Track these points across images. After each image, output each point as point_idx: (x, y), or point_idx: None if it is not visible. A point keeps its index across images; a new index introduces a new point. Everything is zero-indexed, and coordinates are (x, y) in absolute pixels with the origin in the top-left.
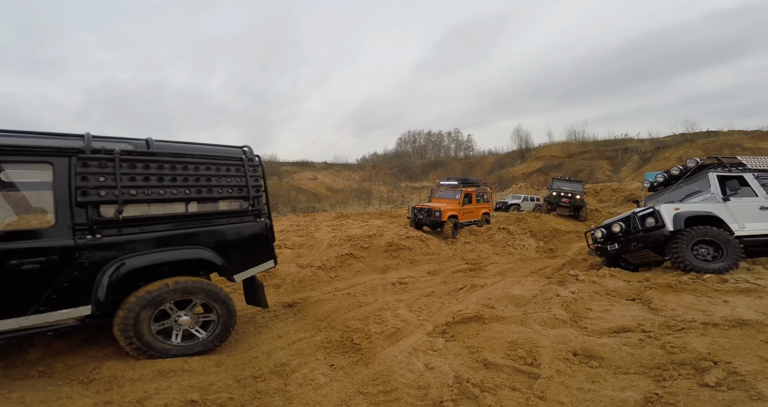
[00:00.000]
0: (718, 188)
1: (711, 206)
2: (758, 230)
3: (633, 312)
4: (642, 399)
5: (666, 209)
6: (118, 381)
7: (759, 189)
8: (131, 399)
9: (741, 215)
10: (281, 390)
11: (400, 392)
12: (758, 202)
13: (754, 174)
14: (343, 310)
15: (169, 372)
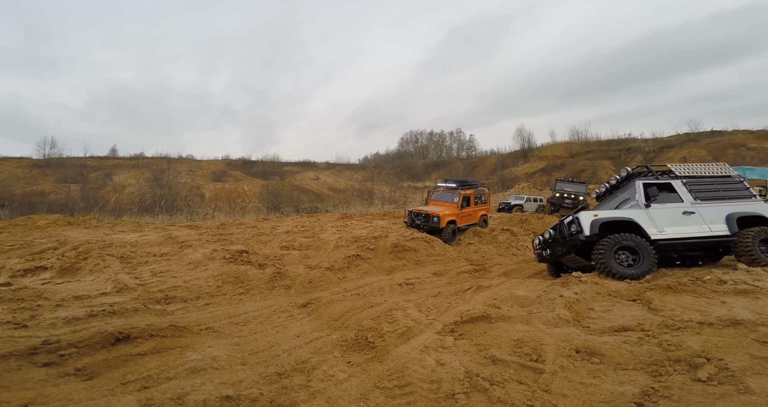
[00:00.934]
0: (643, 195)
1: (631, 212)
2: (678, 234)
3: (633, 312)
4: (639, 392)
5: (585, 215)
6: (157, 380)
7: (686, 195)
8: (171, 396)
9: (661, 221)
10: (305, 385)
11: (415, 386)
12: (682, 207)
13: (683, 181)
14: (356, 310)
15: (200, 370)
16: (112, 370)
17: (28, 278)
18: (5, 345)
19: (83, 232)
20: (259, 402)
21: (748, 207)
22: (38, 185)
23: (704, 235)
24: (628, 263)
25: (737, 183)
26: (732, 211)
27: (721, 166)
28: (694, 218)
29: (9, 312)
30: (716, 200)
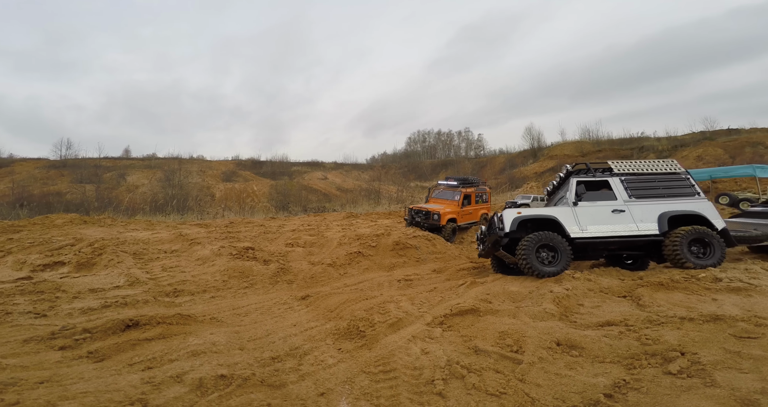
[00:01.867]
0: (573, 192)
1: (555, 210)
2: (600, 232)
3: (622, 308)
4: (611, 384)
5: (508, 212)
6: (160, 361)
7: (621, 193)
8: (172, 375)
9: (586, 219)
10: (295, 369)
11: (398, 372)
12: (613, 205)
13: (621, 178)
14: (351, 302)
15: (200, 353)
16: (121, 353)
17: (47, 273)
18: (26, 331)
19: (98, 230)
20: (251, 381)
21: (687, 206)
22: (55, 185)
23: (630, 234)
24: (549, 260)
25: (682, 180)
26: (668, 209)
27: (669, 163)
28: (623, 217)
29: (30, 303)
30: (654, 198)
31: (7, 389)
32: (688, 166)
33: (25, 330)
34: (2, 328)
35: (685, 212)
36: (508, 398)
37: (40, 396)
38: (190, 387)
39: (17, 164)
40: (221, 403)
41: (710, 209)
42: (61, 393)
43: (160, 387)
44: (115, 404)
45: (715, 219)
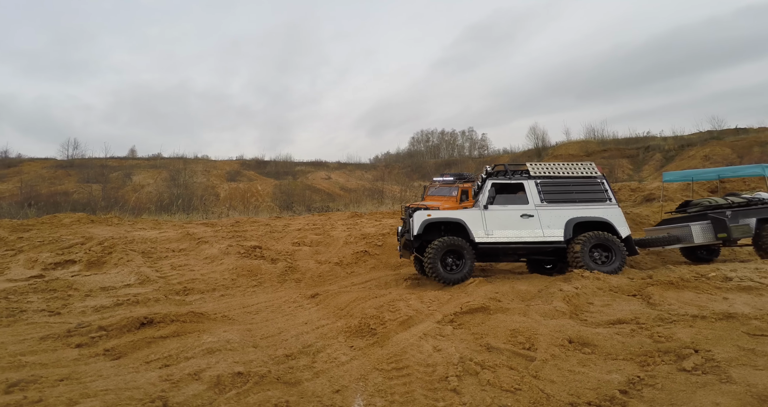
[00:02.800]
0: (485, 195)
1: (464, 213)
2: (505, 237)
3: (632, 307)
4: (625, 380)
5: (419, 215)
6: (176, 359)
7: (533, 197)
8: (189, 372)
9: (494, 223)
10: (309, 366)
11: (411, 369)
12: (523, 210)
13: (536, 181)
14: (360, 300)
15: (215, 350)
16: (137, 351)
17: (58, 271)
18: (42, 329)
19: (106, 229)
20: (267, 378)
21: (595, 212)
22: (62, 184)
23: (536, 240)
24: (454, 266)
25: (596, 185)
26: (575, 215)
27: (587, 166)
28: (531, 222)
29: (43, 301)
30: (565, 203)
31: (29, 386)
32: (695, 165)
33: (40, 328)
34: (18, 326)
35: (591, 218)
36: (523, 394)
37: (61, 394)
38: (208, 384)
39: (25, 163)
40: (240, 401)
41: (617, 216)
42: (81, 390)
43: (178, 384)
44: (136, 402)
45: (620, 226)
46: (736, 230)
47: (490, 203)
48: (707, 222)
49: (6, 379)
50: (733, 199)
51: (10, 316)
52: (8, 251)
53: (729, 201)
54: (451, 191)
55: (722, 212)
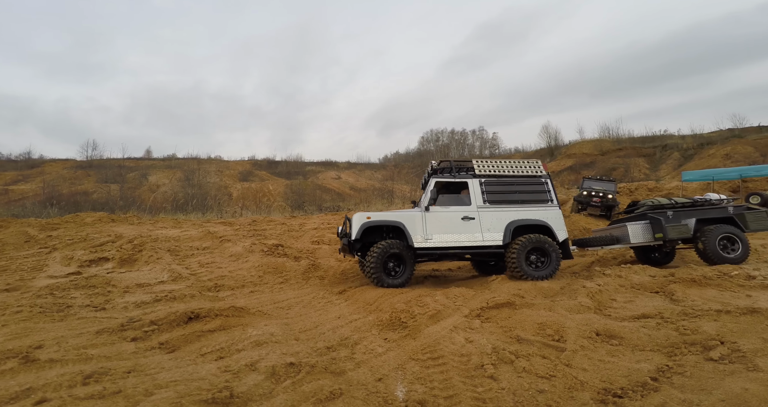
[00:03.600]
0: (428, 195)
1: (405, 215)
2: (444, 242)
3: (655, 303)
4: (654, 369)
5: (358, 217)
6: (228, 351)
7: (477, 197)
8: (245, 364)
9: (435, 226)
10: (350, 357)
11: (446, 358)
12: (465, 212)
13: (481, 180)
14: (387, 296)
15: (262, 343)
16: (189, 344)
17: (93, 268)
18: (93, 323)
19: (129, 228)
20: (316, 368)
21: (536, 214)
22: (82, 185)
23: (475, 245)
24: (395, 271)
25: (540, 185)
26: (516, 218)
27: (533, 164)
28: (472, 225)
29: (86, 297)
30: (507, 205)
31: (102, 378)
32: (715, 164)
33: (92, 323)
34: (71, 321)
35: (532, 221)
36: (558, 380)
37: (135, 385)
38: (265, 374)
39: (47, 164)
40: (296, 389)
41: (557, 218)
42: (152, 381)
43: (239, 375)
44: (204, 392)
45: (559, 230)
46: (672, 230)
47: (432, 203)
48: (646, 222)
49: (80, 371)
50: (678, 200)
51: (59, 311)
52: (42, 248)
53: (673, 202)
54: None
55: (662, 213)
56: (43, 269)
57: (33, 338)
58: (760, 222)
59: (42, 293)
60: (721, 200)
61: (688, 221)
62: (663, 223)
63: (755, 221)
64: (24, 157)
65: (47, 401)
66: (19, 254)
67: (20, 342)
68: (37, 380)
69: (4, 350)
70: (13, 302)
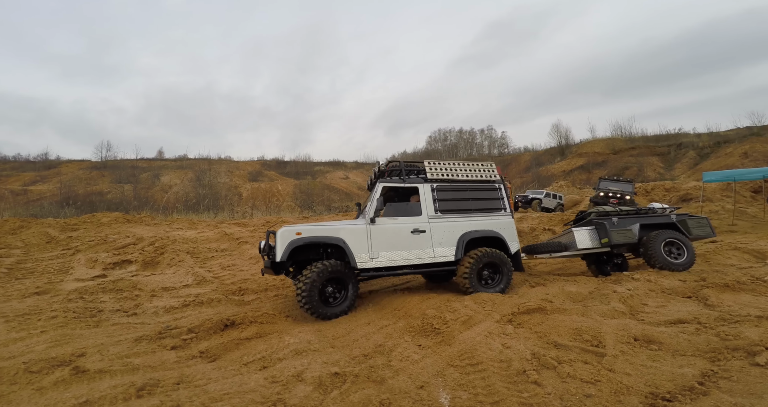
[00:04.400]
0: (374, 204)
1: (344, 230)
2: (393, 260)
3: (689, 308)
4: (699, 373)
5: (285, 233)
6: (270, 360)
7: (428, 205)
8: (291, 374)
9: (381, 242)
10: (387, 365)
11: (485, 364)
12: (415, 223)
13: (433, 186)
14: (415, 302)
15: (302, 351)
16: (229, 352)
17: (118, 271)
18: (130, 330)
19: (146, 229)
20: (360, 377)
21: (488, 224)
22: (97, 185)
23: (426, 262)
24: (336, 295)
25: (494, 191)
26: (469, 229)
27: (487, 167)
28: (422, 240)
29: (115, 301)
30: (459, 214)
31: (155, 390)
32: (733, 163)
33: (127, 329)
34: (106, 327)
35: (485, 233)
36: (603, 385)
37: (190, 398)
38: (312, 385)
39: (63, 165)
40: (344, 400)
41: (509, 228)
42: (204, 394)
43: (287, 386)
44: (259, 404)
45: (511, 241)
46: (617, 234)
47: (378, 214)
48: (592, 228)
49: (131, 383)
50: (623, 208)
51: (92, 316)
52: (65, 250)
53: (618, 209)
54: None
55: (607, 219)
56: (69, 271)
57: (74, 345)
58: (702, 229)
59: (72, 298)
60: (664, 209)
61: (633, 226)
62: (608, 228)
63: (697, 227)
64: (42, 158)
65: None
66: (44, 255)
67: (62, 350)
68: (91, 392)
69: (49, 358)
70: (46, 307)
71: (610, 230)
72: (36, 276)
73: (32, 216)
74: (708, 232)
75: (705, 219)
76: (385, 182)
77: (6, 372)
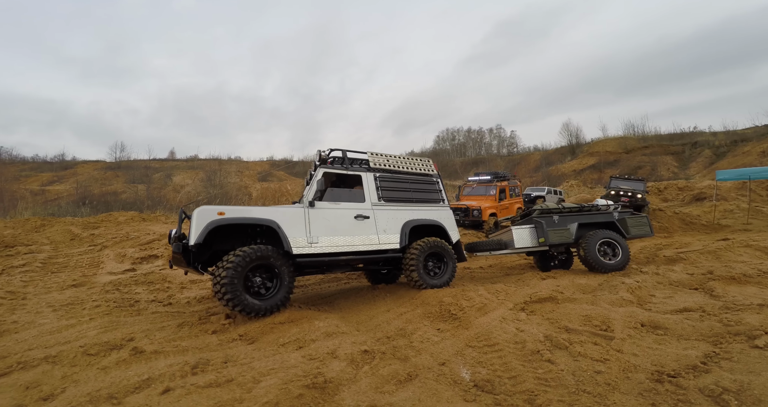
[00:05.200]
0: (314, 188)
1: (278, 211)
2: (334, 246)
3: (695, 298)
4: (702, 355)
5: (203, 212)
6: (304, 341)
7: (371, 193)
8: (325, 352)
9: (321, 226)
10: (409, 345)
11: (501, 345)
12: (358, 209)
13: (376, 175)
14: (431, 291)
15: (332, 334)
16: (265, 335)
17: (146, 265)
18: (171, 318)
19: (163, 226)
20: (386, 355)
21: (431, 214)
22: (112, 185)
23: (371, 248)
24: (265, 286)
25: (432, 184)
26: (412, 217)
27: (425, 162)
28: (366, 226)
29: (150, 293)
30: (402, 203)
31: (207, 368)
32: (751, 162)
33: (167, 317)
34: (146, 315)
35: (428, 221)
36: (612, 363)
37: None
38: (346, 361)
39: (79, 166)
40: (375, 373)
41: (449, 219)
42: (252, 370)
43: (324, 362)
44: (303, 377)
45: (452, 231)
46: (553, 234)
47: (318, 198)
48: (531, 226)
49: (185, 362)
50: (566, 204)
51: (131, 306)
52: (92, 246)
53: (560, 206)
54: (488, 190)
55: (548, 217)
56: (100, 265)
57: (122, 331)
58: (641, 228)
59: (109, 289)
60: (608, 206)
61: (571, 225)
62: (545, 227)
63: (636, 226)
64: (58, 158)
65: (172, 390)
66: (72, 251)
67: (113, 335)
68: (150, 370)
69: (102, 342)
70: (87, 298)
71: (547, 229)
72: (70, 270)
73: (51, 215)
74: (646, 231)
75: (645, 218)
76: (326, 168)
77: (65, 355)
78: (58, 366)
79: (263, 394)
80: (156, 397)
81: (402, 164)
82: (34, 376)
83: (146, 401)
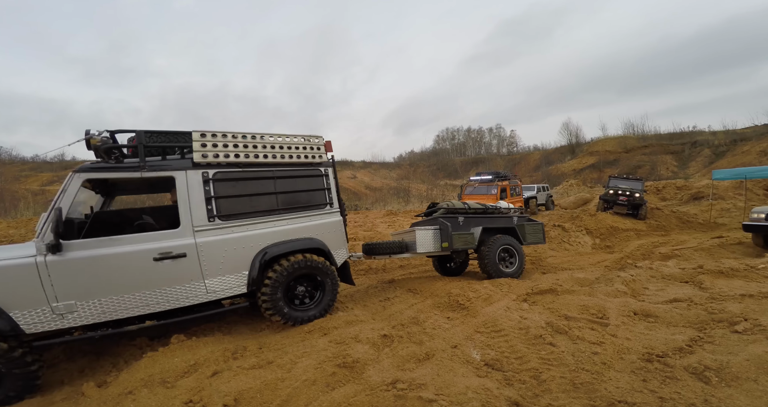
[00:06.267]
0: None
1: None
2: (109, 312)
3: (685, 290)
4: (688, 339)
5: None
6: (327, 329)
7: (195, 209)
8: (349, 336)
9: (79, 283)
10: (422, 331)
11: (507, 331)
12: (162, 243)
13: (206, 173)
14: (439, 284)
15: (352, 322)
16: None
17: None
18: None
19: None
20: (403, 338)
21: (305, 229)
22: None
23: (190, 303)
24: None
25: (317, 178)
26: (272, 241)
27: (311, 143)
28: (181, 269)
29: None
30: (257, 217)
31: (245, 353)
32: (750, 161)
33: None
34: None
35: (297, 246)
36: (607, 346)
37: (279, 356)
38: (368, 344)
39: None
40: (395, 354)
41: (336, 232)
42: (287, 354)
43: (349, 345)
44: (333, 358)
45: (338, 249)
46: (458, 239)
47: (70, 234)
48: (436, 228)
49: (225, 348)
50: (471, 204)
51: None
52: None
53: (466, 206)
54: (489, 189)
55: (454, 218)
56: None
57: None
58: (536, 235)
59: None
60: (509, 209)
61: (476, 229)
62: (450, 230)
63: (532, 233)
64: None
65: (220, 372)
66: None
67: None
68: (195, 356)
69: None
70: None
71: (452, 233)
72: None
73: None
74: (540, 239)
75: (540, 225)
76: (89, 171)
77: None
78: None
79: (301, 373)
80: (206, 379)
81: (262, 149)
82: None
83: (197, 383)
